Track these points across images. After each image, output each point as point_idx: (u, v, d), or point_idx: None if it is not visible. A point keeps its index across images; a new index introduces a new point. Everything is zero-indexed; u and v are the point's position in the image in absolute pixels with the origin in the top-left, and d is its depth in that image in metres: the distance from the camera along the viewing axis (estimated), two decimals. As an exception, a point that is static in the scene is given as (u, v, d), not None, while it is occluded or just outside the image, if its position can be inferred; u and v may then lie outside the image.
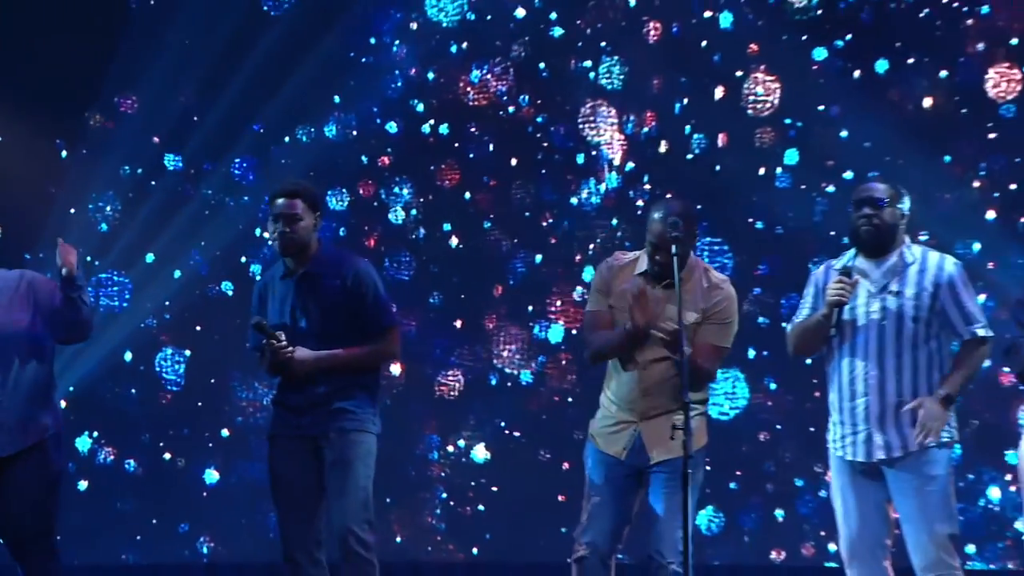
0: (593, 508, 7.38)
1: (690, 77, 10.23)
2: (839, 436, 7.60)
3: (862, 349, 7.54)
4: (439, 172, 10.22)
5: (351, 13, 10.29)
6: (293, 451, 7.73)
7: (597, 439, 7.47)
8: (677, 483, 7.13)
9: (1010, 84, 9.81)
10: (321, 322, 7.62)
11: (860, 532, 7.63)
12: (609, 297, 7.44)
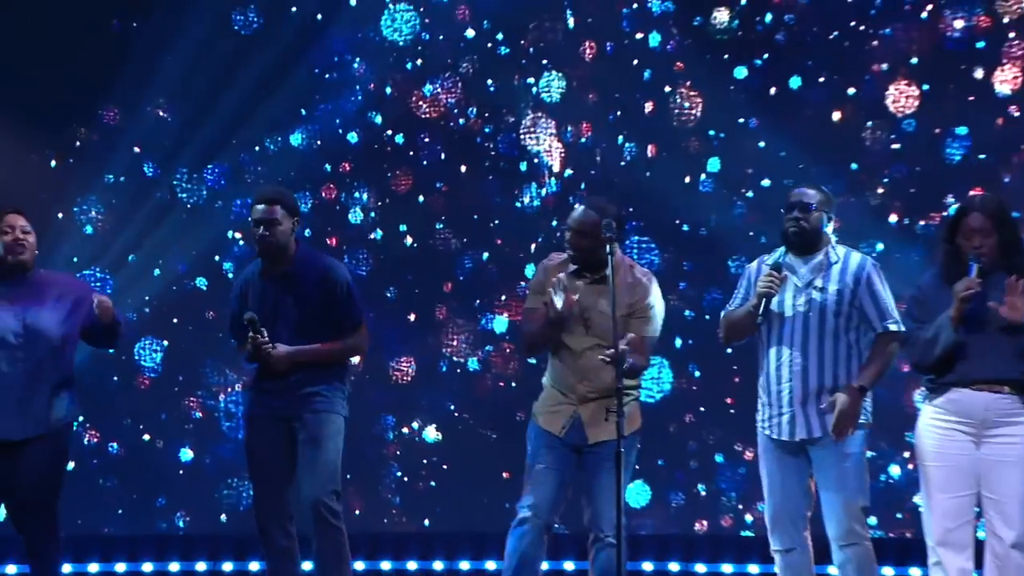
0: (536, 476, 7.46)
1: (622, 92, 10.28)
2: (766, 416, 7.75)
3: (788, 338, 7.66)
4: (395, 178, 10.26)
5: (315, 33, 10.28)
6: (269, 431, 7.88)
7: (539, 417, 7.54)
8: (612, 463, 7.18)
9: (908, 100, 9.96)
10: (297, 318, 7.73)
11: (783, 503, 7.72)
12: (544, 295, 7.50)
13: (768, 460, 7.86)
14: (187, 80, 10.27)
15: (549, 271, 7.55)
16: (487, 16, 10.26)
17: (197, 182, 10.30)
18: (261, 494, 8.00)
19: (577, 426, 7.47)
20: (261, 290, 7.90)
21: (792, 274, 7.62)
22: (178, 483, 10.24)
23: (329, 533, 7.83)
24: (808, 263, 7.61)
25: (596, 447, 7.44)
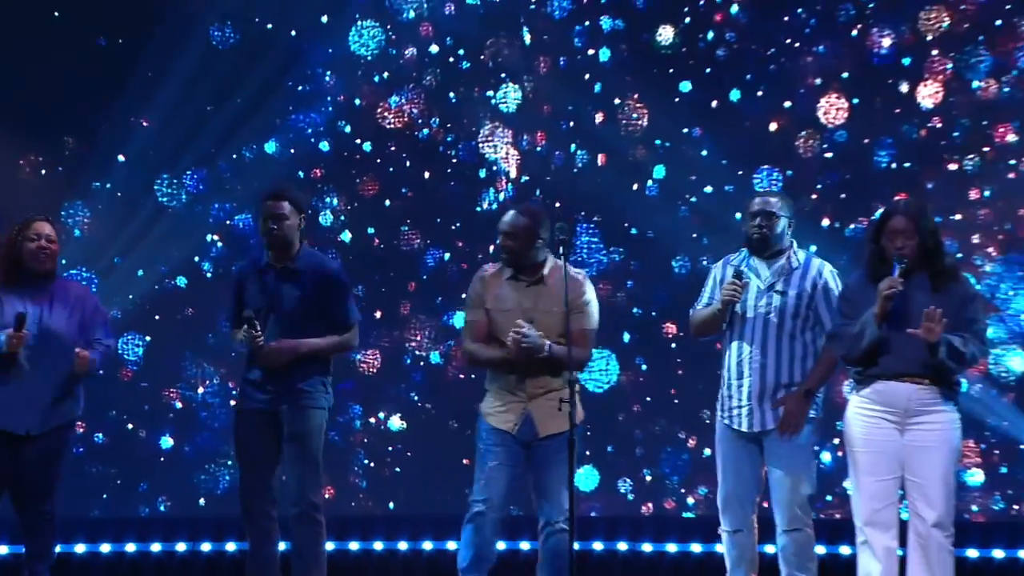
0: (489, 472, 7.45)
1: (575, 103, 10.31)
2: (726, 408, 7.90)
3: (749, 337, 7.80)
4: (362, 183, 10.32)
5: (289, 48, 10.33)
6: (256, 423, 7.94)
7: (489, 417, 7.55)
8: (562, 454, 7.28)
9: (838, 112, 10.12)
10: (294, 312, 7.80)
11: (735, 487, 7.87)
12: (485, 304, 7.56)
13: (724, 447, 7.98)
14: (168, 92, 10.23)
15: (486, 281, 7.59)
16: (449, 33, 10.32)
17: (177, 188, 10.28)
18: (247, 480, 8.06)
19: (528, 422, 7.48)
20: (262, 282, 7.90)
21: (755, 276, 7.75)
22: (159, 469, 10.25)
23: (311, 527, 7.95)
24: (771, 266, 7.76)
25: (546, 440, 7.46)
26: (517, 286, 7.51)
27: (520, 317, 7.45)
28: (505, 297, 7.53)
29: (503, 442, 7.50)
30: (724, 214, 10.08)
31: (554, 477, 7.47)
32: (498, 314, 7.51)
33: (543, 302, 7.47)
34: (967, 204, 10.08)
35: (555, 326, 7.44)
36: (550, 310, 7.45)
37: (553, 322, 7.42)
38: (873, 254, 7.25)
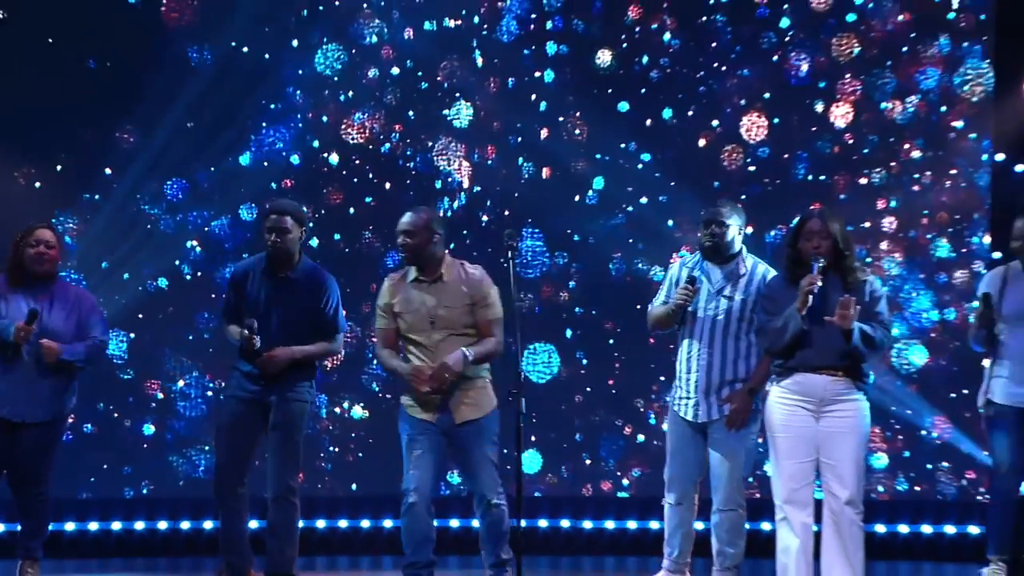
0: (415, 461, 7.52)
1: (522, 120, 10.31)
2: (677, 398, 8.09)
3: (699, 335, 7.98)
4: (329, 193, 10.28)
5: (262, 68, 10.28)
6: (243, 410, 8.06)
7: (410, 409, 7.61)
8: (479, 438, 7.53)
9: (759, 129, 10.20)
10: (288, 318, 7.92)
11: (681, 467, 8.09)
12: (393, 310, 7.63)
13: (673, 431, 8.17)
14: (151, 110, 10.19)
15: (392, 288, 7.66)
16: (407, 56, 10.31)
17: (159, 198, 10.27)
18: (224, 462, 8.17)
19: (445, 411, 7.55)
20: (261, 286, 8.01)
21: (707, 280, 7.92)
22: (142, 454, 10.23)
23: (287, 509, 8.09)
24: (722, 271, 7.94)
25: (462, 427, 7.54)
26: (420, 287, 7.58)
27: (425, 316, 7.53)
28: (411, 299, 7.59)
29: (425, 431, 7.57)
30: (657, 222, 10.24)
31: (477, 459, 7.55)
32: (407, 315, 7.59)
33: (445, 299, 7.55)
34: (875, 213, 10.17)
35: (458, 319, 7.54)
36: (452, 306, 7.55)
37: (455, 316, 7.53)
38: (791, 257, 7.32)
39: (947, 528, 10.13)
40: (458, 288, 7.57)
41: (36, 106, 10.12)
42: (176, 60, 10.27)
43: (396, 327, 7.62)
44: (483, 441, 7.57)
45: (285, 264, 8.01)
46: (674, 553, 8.18)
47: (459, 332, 7.56)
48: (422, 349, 7.58)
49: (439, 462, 7.63)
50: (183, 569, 9.55)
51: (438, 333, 7.54)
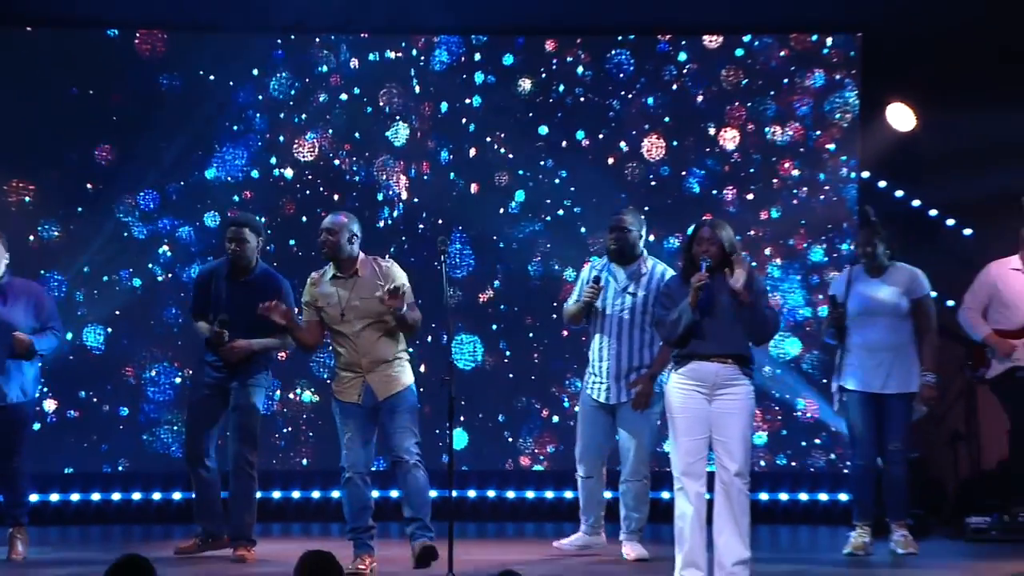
0: (348, 442, 7.62)
1: (452, 141, 10.34)
2: (591, 383, 8.33)
3: (607, 329, 8.25)
4: (284, 204, 10.26)
5: (225, 94, 10.25)
6: (209, 394, 8.25)
7: (338, 395, 7.71)
8: (401, 408, 7.59)
9: (658, 149, 10.32)
10: (249, 318, 7.90)
11: (590, 443, 8.36)
12: (316, 304, 7.69)
13: (585, 412, 8.45)
14: (126, 131, 10.19)
15: (314, 284, 7.74)
16: (354, 83, 10.30)
17: (133, 208, 10.26)
18: (193, 438, 8.38)
19: (369, 391, 7.61)
20: (224, 289, 8.18)
21: (614, 280, 8.14)
22: (118, 434, 10.22)
23: (245, 479, 8.25)
24: (626, 271, 8.18)
25: (385, 402, 7.61)
26: (337, 283, 7.65)
27: (343, 308, 7.58)
28: (329, 294, 7.66)
29: (353, 414, 7.64)
30: (571, 229, 10.36)
31: (398, 426, 7.61)
32: (327, 308, 7.65)
33: (359, 291, 7.60)
34: (759, 223, 10.31)
35: (374, 308, 7.56)
36: (366, 297, 7.58)
37: (371, 306, 7.56)
38: (686, 259, 7.35)
39: (821, 496, 10.29)
40: (372, 281, 7.61)
41: (25, 128, 10.13)
42: (149, 87, 10.24)
43: (318, 320, 7.68)
44: (403, 411, 7.65)
45: (244, 269, 8.22)
46: (590, 519, 8.42)
47: (377, 321, 7.62)
48: (346, 339, 7.65)
49: (369, 439, 7.70)
50: (155, 536, 9.47)
51: (357, 323, 7.60)
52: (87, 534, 9.78)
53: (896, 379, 8.48)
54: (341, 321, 7.63)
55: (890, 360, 8.47)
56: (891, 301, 8.49)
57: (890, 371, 8.48)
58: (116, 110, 10.25)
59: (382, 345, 7.65)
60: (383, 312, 7.56)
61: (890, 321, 8.48)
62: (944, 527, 9.60)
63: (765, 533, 9.36)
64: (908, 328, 8.50)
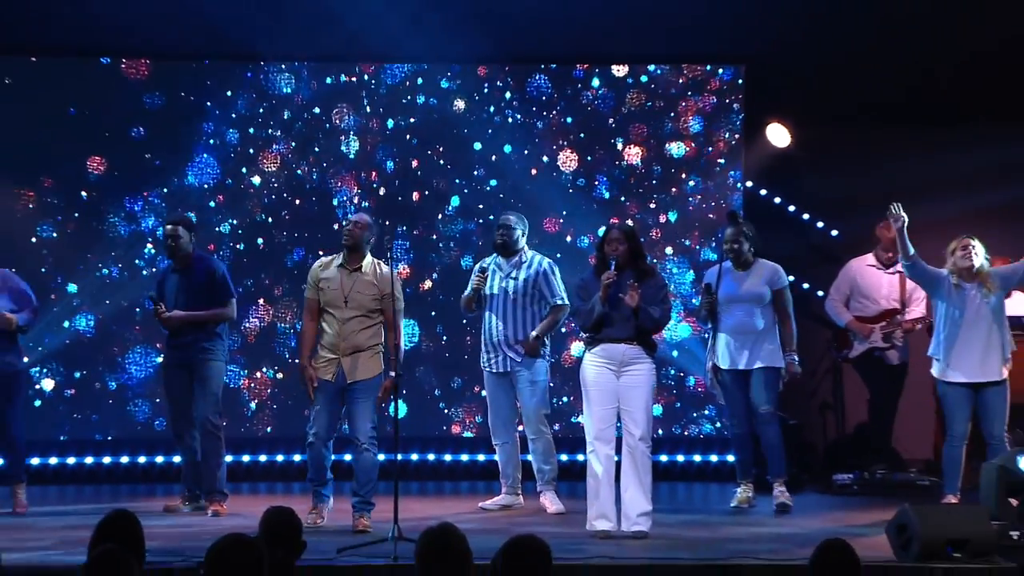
0: (317, 413, 7.64)
1: (398, 153, 10.30)
2: (487, 359, 8.45)
3: (495, 308, 8.39)
4: (252, 207, 10.19)
5: (202, 110, 10.19)
6: (175, 372, 8.33)
7: (315, 370, 7.67)
8: (364, 395, 7.60)
9: (572, 162, 10.34)
10: (190, 296, 8.10)
11: (497, 413, 8.44)
12: (319, 285, 7.68)
13: (489, 386, 8.54)
14: (115, 143, 10.16)
15: (321, 267, 7.75)
16: (313, 103, 10.28)
17: (120, 211, 10.20)
18: (173, 413, 8.43)
19: (341, 372, 7.61)
20: (171, 278, 8.28)
21: (499, 269, 8.30)
22: (106, 406, 10.18)
23: (212, 439, 8.25)
24: (509, 262, 8.34)
25: (354, 384, 7.61)
26: (343, 271, 7.66)
27: (343, 294, 7.60)
28: (333, 278, 7.67)
29: (324, 389, 7.63)
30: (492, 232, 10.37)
31: (358, 411, 7.61)
32: (328, 290, 7.66)
33: (359, 286, 7.63)
34: (659, 225, 10.35)
35: (367, 303, 7.61)
36: (363, 292, 7.62)
37: (364, 301, 7.60)
38: (598, 258, 7.55)
39: (711, 457, 10.33)
40: (371, 280, 7.64)
41: (28, 142, 10.07)
42: (134, 106, 10.17)
43: (318, 299, 7.69)
44: (367, 398, 7.65)
45: (181, 260, 8.30)
46: (509, 481, 8.52)
47: (365, 314, 7.66)
48: (335, 321, 7.64)
49: (334, 411, 7.72)
50: (140, 494, 9.39)
51: (349, 311, 7.62)
52: (81, 493, 9.71)
53: (760, 357, 8.47)
54: (340, 306, 7.63)
55: (753, 341, 8.48)
56: (755, 291, 8.51)
57: (754, 351, 8.47)
58: (106, 127, 10.21)
59: (362, 335, 7.65)
60: (375, 310, 7.62)
61: (754, 308, 8.49)
62: (815, 483, 9.72)
63: (664, 489, 9.36)
64: (770, 314, 8.50)
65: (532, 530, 4.62)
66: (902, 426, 9.75)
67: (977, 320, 8.08)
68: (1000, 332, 8.11)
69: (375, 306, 7.63)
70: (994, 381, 8.10)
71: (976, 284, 8.11)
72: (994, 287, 8.08)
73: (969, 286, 8.11)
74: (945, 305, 8.17)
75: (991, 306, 8.12)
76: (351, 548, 6.90)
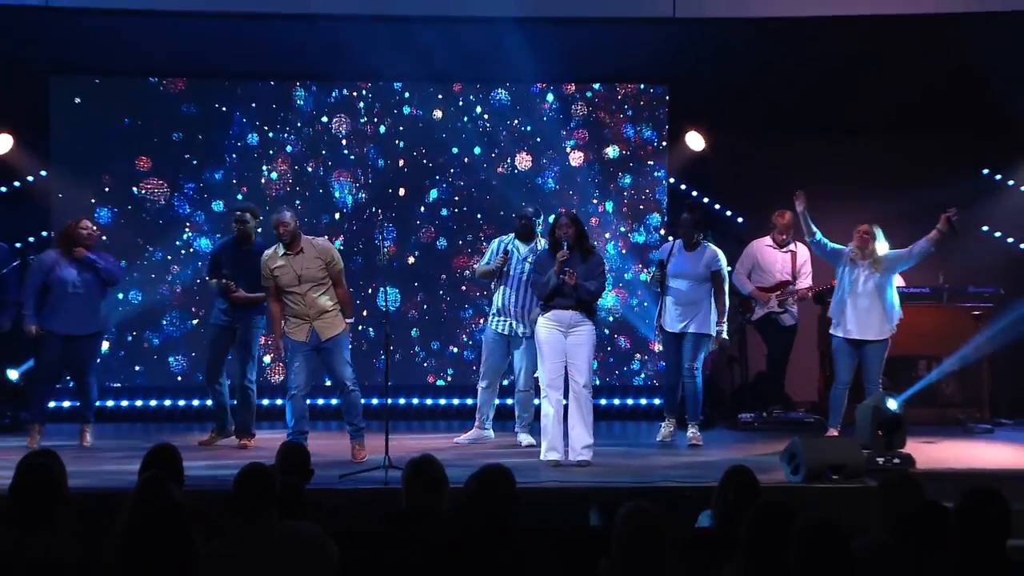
0: (295, 369, 7.54)
1: (388, 154, 10.07)
2: (495, 321, 8.25)
3: (512, 285, 8.25)
4: (269, 197, 9.93)
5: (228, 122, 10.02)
6: (222, 332, 8.26)
7: (290, 334, 7.56)
8: (339, 347, 7.52)
9: (526, 162, 10.21)
10: (249, 274, 7.90)
11: (492, 364, 8.32)
12: (273, 273, 7.54)
13: (491, 342, 8.36)
14: (160, 146, 10.05)
15: (269, 259, 7.59)
16: (319, 113, 10.09)
17: (165, 200, 10.07)
18: (210, 364, 8.36)
19: (314, 333, 7.52)
20: (233, 257, 8.10)
21: (518, 252, 8.20)
22: (151, 360, 10.08)
23: (245, 392, 8.28)
24: (527, 248, 8.22)
25: (326, 342, 7.53)
26: (287, 258, 7.56)
27: (293, 277, 7.49)
28: (282, 266, 7.56)
29: (299, 349, 7.52)
30: (471, 217, 10.22)
31: (338, 361, 7.53)
32: (282, 277, 7.53)
33: (303, 263, 7.51)
34: (599, 215, 10.24)
35: (315, 275, 7.50)
36: (309, 267, 7.49)
37: (313, 273, 7.50)
38: (551, 239, 7.62)
39: (642, 400, 10.27)
40: (312, 255, 7.54)
41: (90, 145, 9.98)
42: (173, 115, 10.04)
43: (275, 284, 7.59)
44: (341, 349, 7.59)
45: (245, 242, 8.17)
46: (483, 417, 8.49)
47: (318, 283, 7.56)
48: (297, 297, 7.55)
49: (310, 368, 7.62)
50: (179, 431, 9.19)
51: (304, 286, 7.53)
52: (133, 429, 9.60)
53: (693, 324, 8.49)
54: (295, 284, 7.53)
55: (691, 311, 8.48)
56: (696, 269, 8.47)
57: (690, 318, 8.47)
58: (152, 133, 10.09)
59: (322, 300, 7.56)
60: (324, 277, 7.51)
61: (694, 283, 8.47)
62: (724, 421, 9.76)
63: (603, 427, 9.26)
64: (707, 289, 8.47)
65: (497, 460, 4.65)
66: (792, 375, 9.82)
67: (864, 291, 8.19)
68: (882, 302, 8.20)
69: (323, 274, 7.53)
70: (874, 339, 8.19)
71: (868, 262, 8.17)
72: (882, 267, 8.23)
73: (863, 263, 8.19)
74: (841, 275, 8.27)
75: (876, 281, 8.27)
76: (350, 475, 6.95)
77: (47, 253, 8.27)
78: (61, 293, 8.04)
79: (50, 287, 8.03)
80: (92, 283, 8.16)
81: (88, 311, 8.15)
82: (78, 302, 8.09)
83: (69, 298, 8.04)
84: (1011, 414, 9.43)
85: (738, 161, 10.17)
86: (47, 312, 8.07)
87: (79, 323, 8.12)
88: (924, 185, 9.27)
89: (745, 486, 4.81)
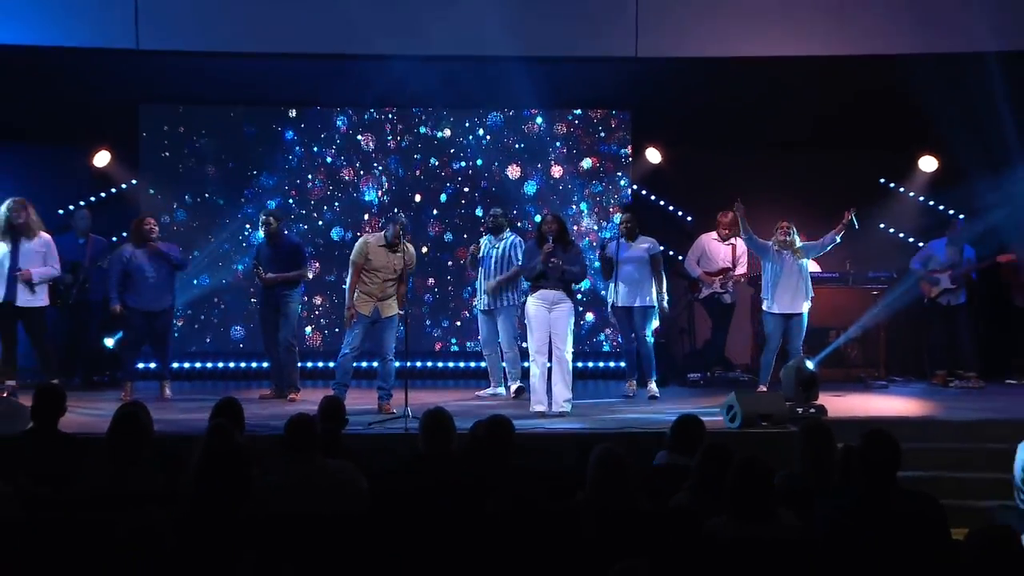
0: (354, 335, 7.44)
1: (406, 165, 9.99)
2: (478, 300, 8.30)
3: (485, 268, 8.38)
4: (311, 197, 9.96)
5: (280, 140, 9.98)
6: (267, 311, 8.29)
7: (358, 307, 7.47)
8: (391, 324, 7.46)
9: (516, 173, 10.08)
10: (277, 262, 7.97)
11: (485, 337, 8.22)
12: (367, 256, 7.41)
13: (480, 319, 8.40)
14: (224, 159, 9.98)
15: (368, 244, 7.48)
16: (355, 131, 9.98)
17: (226, 204, 10.01)
18: (264, 337, 8.38)
19: (376, 311, 7.45)
20: (265, 249, 8.15)
21: (489, 243, 8.28)
22: (216, 331, 10.02)
23: (289, 353, 8.18)
24: (496, 239, 8.24)
25: (382, 319, 7.47)
26: (385, 249, 7.48)
27: (385, 268, 7.39)
28: (379, 253, 7.47)
29: (362, 320, 7.44)
30: (472, 218, 10.06)
31: (386, 336, 7.48)
32: (374, 260, 7.45)
33: (395, 260, 7.43)
34: (574, 214, 10.14)
35: (397, 268, 7.42)
36: (397, 264, 7.43)
37: (396, 267, 7.42)
38: (538, 234, 7.62)
39: (610, 364, 10.10)
40: (403, 256, 7.47)
41: (174, 161, 9.94)
42: (237, 135, 9.94)
43: (363, 263, 7.43)
44: (393, 327, 7.55)
45: (273, 239, 8.19)
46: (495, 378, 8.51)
47: (396, 276, 7.49)
48: (374, 278, 7.44)
49: (365, 336, 7.54)
50: (240, 387, 8.99)
51: (384, 273, 7.44)
52: (204, 385, 9.54)
53: (640, 299, 8.45)
54: (380, 269, 7.42)
55: (636, 290, 8.43)
56: (638, 256, 8.43)
57: (635, 295, 8.43)
58: (219, 149, 10.01)
59: (390, 287, 7.52)
60: (399, 273, 7.41)
61: (637, 267, 8.42)
62: (675, 380, 9.68)
63: (580, 385, 8.90)
64: (647, 271, 8.44)
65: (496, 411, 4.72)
66: (731, 343, 9.81)
67: (789, 274, 8.24)
68: (803, 283, 8.31)
69: (400, 271, 7.49)
70: (798, 313, 8.27)
71: (789, 251, 8.26)
72: (801, 254, 8.28)
73: (786, 253, 8.27)
74: (770, 264, 8.31)
75: (799, 265, 8.30)
76: (377, 423, 6.96)
77: (123, 247, 8.21)
78: (139, 278, 8.04)
79: (130, 274, 8.01)
80: (162, 268, 8.13)
81: (161, 291, 8.13)
82: (153, 284, 8.08)
83: (146, 281, 8.03)
84: (902, 373, 9.54)
85: (689, 172, 10.12)
86: (130, 294, 8.04)
87: (154, 301, 8.12)
88: (834, 190, 9.30)
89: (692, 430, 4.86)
